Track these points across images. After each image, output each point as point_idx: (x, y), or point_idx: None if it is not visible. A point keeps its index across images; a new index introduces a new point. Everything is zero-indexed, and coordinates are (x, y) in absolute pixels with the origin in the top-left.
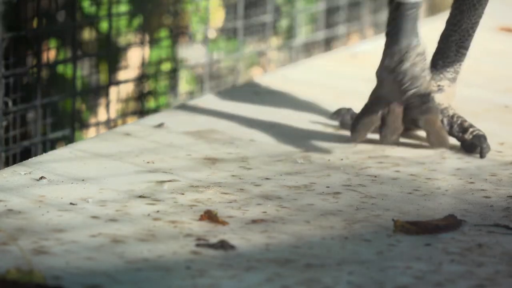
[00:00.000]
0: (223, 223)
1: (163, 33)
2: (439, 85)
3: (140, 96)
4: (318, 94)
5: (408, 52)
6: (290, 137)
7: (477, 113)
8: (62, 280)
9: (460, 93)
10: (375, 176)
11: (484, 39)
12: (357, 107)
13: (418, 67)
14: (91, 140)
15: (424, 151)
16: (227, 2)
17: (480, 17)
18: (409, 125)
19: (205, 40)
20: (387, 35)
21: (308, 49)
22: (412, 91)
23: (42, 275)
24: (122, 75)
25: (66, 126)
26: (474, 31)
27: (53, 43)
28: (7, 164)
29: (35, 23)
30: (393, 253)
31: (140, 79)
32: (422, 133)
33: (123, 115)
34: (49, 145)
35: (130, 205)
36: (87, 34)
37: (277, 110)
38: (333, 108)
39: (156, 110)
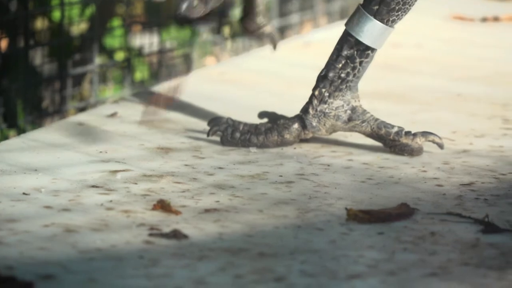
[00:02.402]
0: (176, 212)
1: (116, 22)
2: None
3: (93, 86)
4: (270, 82)
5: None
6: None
7: (429, 101)
8: (15, 270)
9: (412, 81)
10: (328, 165)
11: (437, 27)
12: (308, 96)
13: None
14: (44, 129)
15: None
16: None
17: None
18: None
19: (158, 30)
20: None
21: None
22: None
23: None
24: (75, 64)
25: (19, 116)
26: None
27: (5, 32)
28: None
29: None
30: (346, 242)
31: (93, 69)
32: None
33: (76, 105)
34: (1, 135)
35: (83, 195)
36: (40, 24)
37: (230, 98)
38: (285, 96)
39: (109, 99)
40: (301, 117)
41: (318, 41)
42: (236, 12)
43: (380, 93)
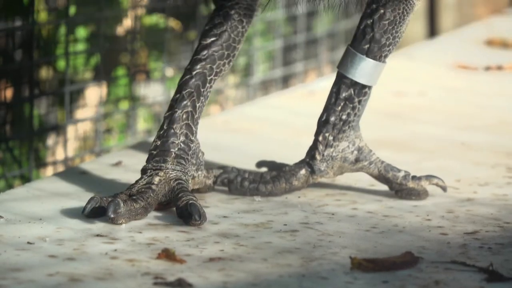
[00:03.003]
0: (181, 261)
1: (121, 71)
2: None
3: (98, 135)
4: (275, 131)
5: None
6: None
7: (433, 150)
8: None
9: (415, 130)
10: (333, 214)
11: (440, 75)
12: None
13: None
14: (49, 179)
15: (381, 188)
16: (185, 40)
17: None
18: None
19: (163, 79)
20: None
21: (266, 86)
22: None
23: None
24: (79, 113)
25: (23, 165)
26: None
27: (10, 81)
28: None
29: None
30: None
31: (98, 118)
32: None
33: (81, 153)
34: (7, 185)
35: (88, 243)
36: (45, 73)
37: (234, 147)
38: (289, 145)
39: (113, 148)
40: (309, 163)
41: (322, 89)
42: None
43: (384, 141)
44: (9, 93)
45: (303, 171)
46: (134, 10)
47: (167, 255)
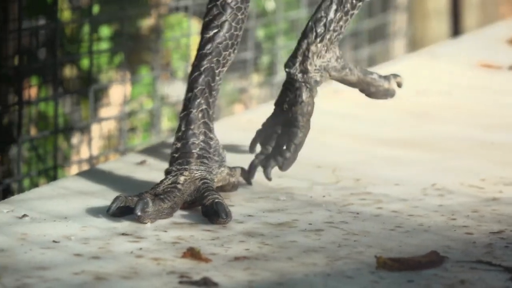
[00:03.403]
0: (206, 260)
1: (144, 70)
2: None
3: (122, 134)
4: None
5: None
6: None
7: (457, 149)
8: None
9: (439, 129)
10: (358, 213)
11: (464, 74)
12: (337, 144)
13: None
14: (73, 177)
15: (406, 188)
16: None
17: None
18: None
19: (186, 77)
20: None
21: None
22: None
23: None
24: (104, 112)
25: (48, 163)
26: None
27: (34, 80)
28: None
29: (16, 61)
30: None
31: (122, 116)
32: (406, 170)
33: (105, 152)
34: (32, 183)
35: (113, 242)
36: (69, 71)
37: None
38: (314, 143)
39: (138, 147)
40: (304, 80)
41: (346, 88)
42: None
43: (407, 141)
44: (33, 92)
45: (304, 93)
46: (158, 9)
47: (192, 254)
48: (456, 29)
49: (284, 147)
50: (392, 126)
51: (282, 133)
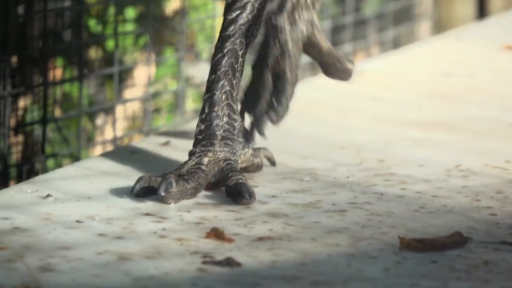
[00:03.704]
0: (229, 240)
1: (169, 51)
2: None
3: (146, 115)
4: (322, 112)
5: None
6: (295, 154)
7: (482, 131)
8: None
9: (463, 111)
10: (381, 194)
11: (488, 57)
12: (361, 126)
13: None
14: (97, 158)
15: (430, 169)
16: None
17: None
18: None
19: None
20: None
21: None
22: None
23: None
24: (128, 93)
25: (72, 144)
26: None
27: (59, 61)
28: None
29: (41, 42)
30: (399, 270)
31: (146, 98)
32: (430, 151)
33: (129, 133)
34: (56, 164)
35: (137, 222)
36: (94, 53)
37: (282, 128)
38: (338, 126)
39: (162, 128)
40: (292, 32)
41: (370, 70)
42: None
43: (432, 122)
44: (58, 73)
45: (291, 42)
46: None
47: (216, 234)
48: (482, 12)
49: (275, 102)
50: (416, 108)
51: (270, 89)
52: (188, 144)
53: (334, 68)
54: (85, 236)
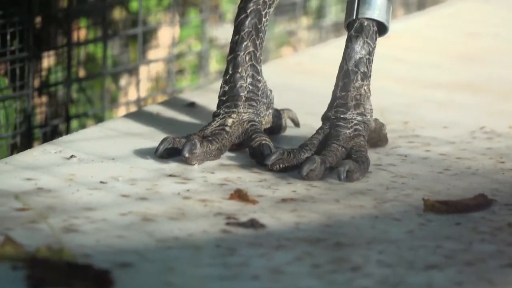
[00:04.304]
0: (253, 202)
1: (193, 12)
2: None
3: (170, 76)
4: None
5: None
6: (319, 116)
7: (507, 92)
8: (92, 258)
9: (489, 72)
10: (405, 156)
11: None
12: (385, 88)
13: None
14: (121, 119)
15: (454, 131)
16: None
17: None
18: None
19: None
20: None
21: (338, 28)
22: None
23: (72, 253)
24: (152, 54)
25: (96, 105)
26: None
27: (83, 22)
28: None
29: (65, 3)
30: (423, 232)
31: (170, 58)
32: (455, 113)
33: (153, 94)
34: (80, 125)
35: (160, 183)
36: (118, 13)
37: (306, 89)
38: None
39: (185, 89)
40: (362, 122)
41: (395, 32)
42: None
43: (458, 84)
44: (82, 33)
45: (364, 133)
46: None
47: (240, 195)
48: None
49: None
50: (441, 69)
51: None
52: (212, 106)
53: (378, 140)
54: (109, 197)
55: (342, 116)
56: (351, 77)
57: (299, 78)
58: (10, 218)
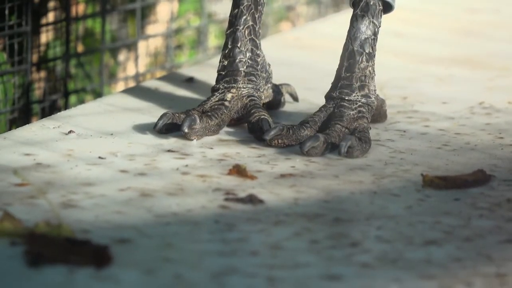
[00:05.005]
0: (252, 177)
1: None
2: None
3: (169, 51)
4: None
5: None
6: (318, 91)
7: (507, 67)
8: (91, 233)
9: (489, 47)
10: (404, 131)
11: None
12: (384, 62)
13: None
14: (120, 94)
15: (453, 106)
16: None
17: None
18: None
19: None
20: None
21: (337, 3)
22: None
23: (71, 229)
24: (150, 29)
25: (94, 80)
26: None
27: None
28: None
29: None
30: (422, 207)
31: (169, 34)
32: (454, 88)
33: (151, 69)
34: (78, 100)
35: (159, 159)
36: None
37: (305, 64)
38: None
39: (184, 64)
40: (366, 105)
41: (396, 7)
42: None
43: (457, 59)
44: (80, 8)
45: (368, 114)
46: None
47: (238, 171)
48: None
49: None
50: (440, 44)
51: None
52: (211, 81)
53: (378, 116)
54: (107, 172)
55: (346, 97)
56: (356, 58)
57: (298, 53)
58: (9, 193)
